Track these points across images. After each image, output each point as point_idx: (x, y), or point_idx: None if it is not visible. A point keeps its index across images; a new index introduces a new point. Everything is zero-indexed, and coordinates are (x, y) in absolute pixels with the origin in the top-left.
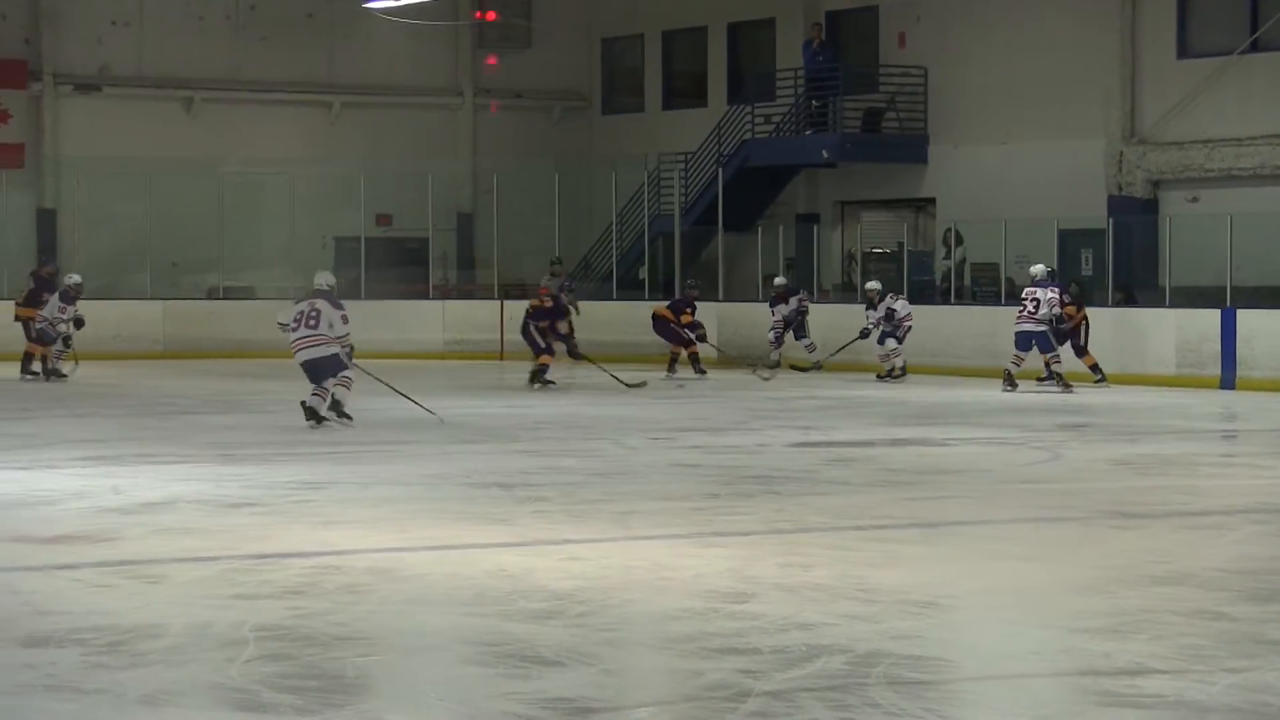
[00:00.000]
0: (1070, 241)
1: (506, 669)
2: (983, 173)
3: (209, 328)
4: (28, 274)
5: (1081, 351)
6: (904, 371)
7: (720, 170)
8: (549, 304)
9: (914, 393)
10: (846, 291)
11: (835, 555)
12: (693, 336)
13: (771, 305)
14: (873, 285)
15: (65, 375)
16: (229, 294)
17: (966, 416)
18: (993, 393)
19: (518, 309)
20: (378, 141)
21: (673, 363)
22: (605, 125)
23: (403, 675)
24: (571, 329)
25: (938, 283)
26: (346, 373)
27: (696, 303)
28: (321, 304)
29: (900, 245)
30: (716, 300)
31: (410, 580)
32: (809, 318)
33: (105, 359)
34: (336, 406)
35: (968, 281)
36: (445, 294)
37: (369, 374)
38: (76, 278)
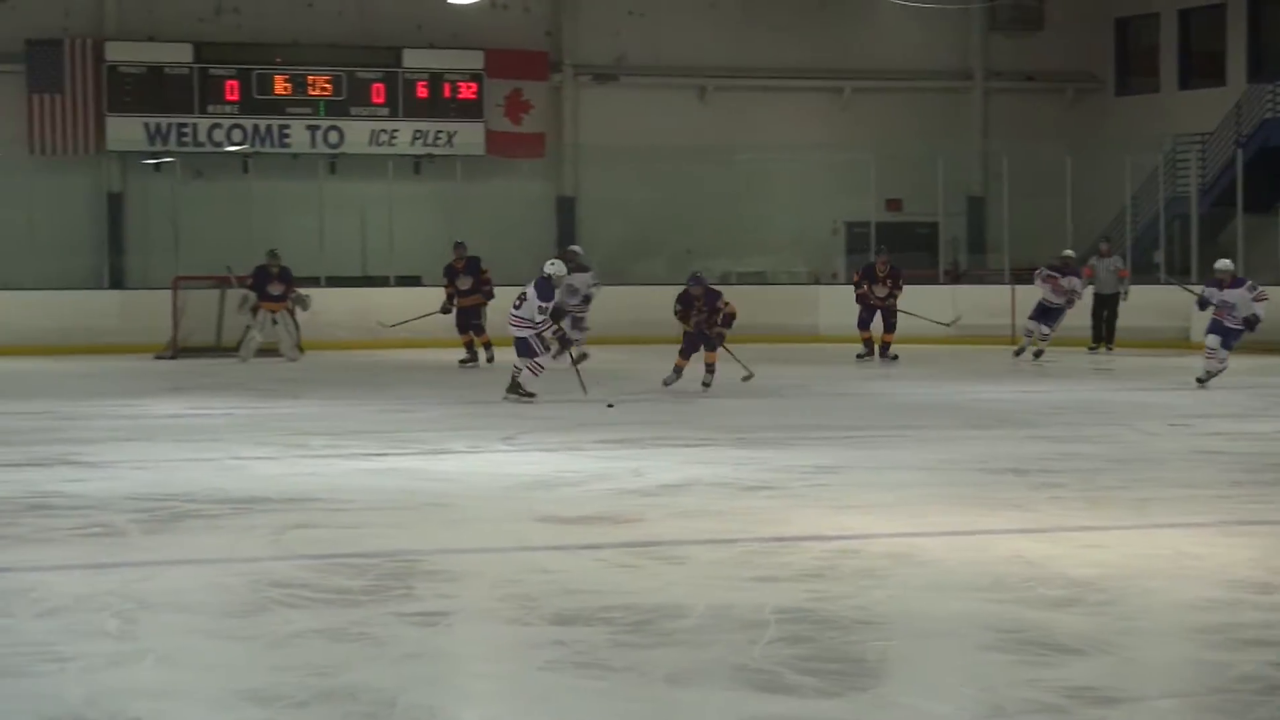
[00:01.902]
0: None
1: (1026, 656)
2: None
3: None
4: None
5: None
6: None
7: (1239, 151)
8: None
9: None
10: None
11: None
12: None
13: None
14: (1224, 265)
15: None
16: (741, 279)
17: None
18: None
19: (1029, 293)
20: (887, 126)
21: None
22: (1119, 107)
23: (922, 660)
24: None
25: None
26: (540, 359)
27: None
28: (530, 290)
29: None
30: None
31: (927, 565)
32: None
33: (620, 343)
34: (516, 387)
35: None
36: (955, 278)
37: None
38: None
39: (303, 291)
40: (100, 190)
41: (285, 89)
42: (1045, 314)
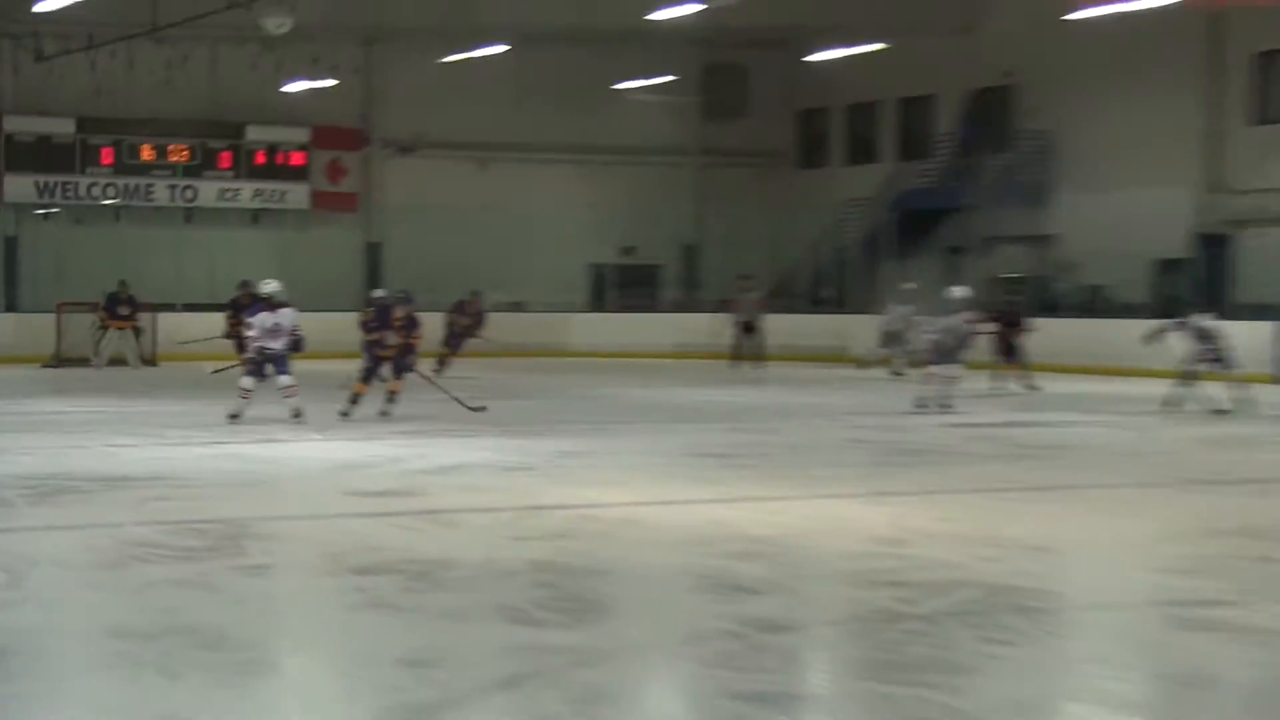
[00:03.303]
0: (1163, 268)
1: (718, 595)
2: (1096, 214)
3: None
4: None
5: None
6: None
7: (889, 211)
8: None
9: (1056, 385)
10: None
11: (972, 512)
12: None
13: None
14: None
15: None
16: (510, 307)
17: (1087, 405)
18: (1104, 385)
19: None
20: (626, 189)
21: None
22: (800, 178)
23: (640, 600)
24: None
25: (1059, 300)
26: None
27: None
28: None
29: (1029, 272)
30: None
31: (647, 528)
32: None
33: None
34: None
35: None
36: (675, 307)
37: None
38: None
39: (141, 324)
40: None
41: (150, 155)
42: None
